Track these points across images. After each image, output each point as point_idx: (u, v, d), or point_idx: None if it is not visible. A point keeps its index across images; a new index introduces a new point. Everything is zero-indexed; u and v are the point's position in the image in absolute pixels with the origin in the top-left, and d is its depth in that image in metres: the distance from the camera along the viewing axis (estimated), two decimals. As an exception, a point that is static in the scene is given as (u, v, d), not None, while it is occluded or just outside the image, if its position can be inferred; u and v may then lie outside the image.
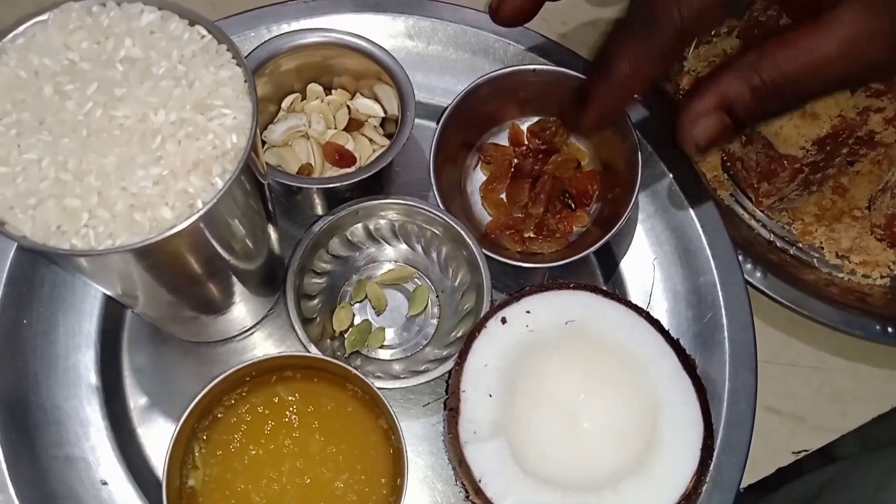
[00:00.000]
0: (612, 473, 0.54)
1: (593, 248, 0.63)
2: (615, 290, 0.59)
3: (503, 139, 0.72)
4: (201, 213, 0.42)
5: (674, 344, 0.57)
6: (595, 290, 0.59)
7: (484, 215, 0.70)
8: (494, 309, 0.58)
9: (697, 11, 0.49)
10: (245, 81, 0.46)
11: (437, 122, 0.65)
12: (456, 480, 0.57)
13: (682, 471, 0.53)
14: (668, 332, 0.58)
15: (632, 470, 0.54)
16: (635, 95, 0.56)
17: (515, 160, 0.71)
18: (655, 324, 0.58)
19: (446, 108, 0.66)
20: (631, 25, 0.52)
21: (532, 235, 0.68)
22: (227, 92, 0.45)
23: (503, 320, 0.57)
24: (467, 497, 0.55)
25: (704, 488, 0.59)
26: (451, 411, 0.55)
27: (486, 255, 0.63)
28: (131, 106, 0.44)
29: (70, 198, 0.42)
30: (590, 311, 0.58)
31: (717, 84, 0.51)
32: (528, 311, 0.58)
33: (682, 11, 0.49)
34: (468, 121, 0.68)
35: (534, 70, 0.67)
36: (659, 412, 0.55)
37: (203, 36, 0.47)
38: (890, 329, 0.68)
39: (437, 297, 0.67)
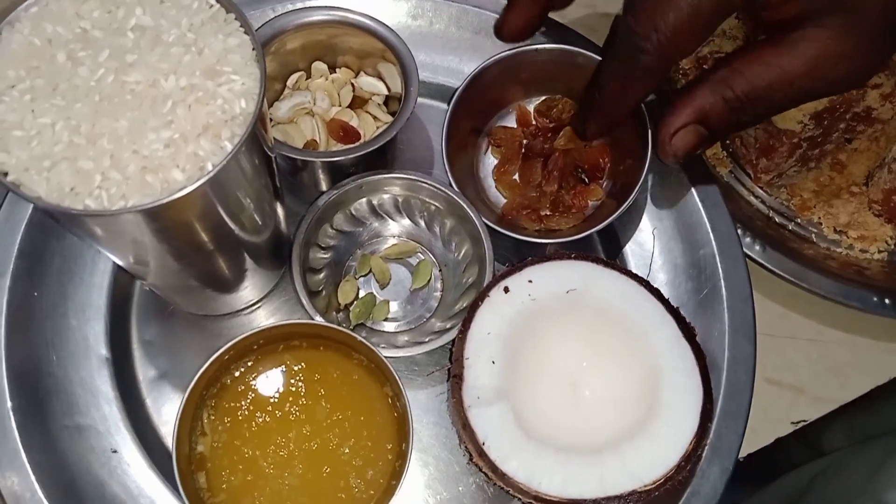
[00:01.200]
0: (614, 438, 0.55)
1: (610, 220, 0.64)
2: (616, 261, 0.60)
3: (511, 121, 0.73)
4: (211, 174, 0.43)
5: (673, 312, 0.58)
6: (596, 259, 0.60)
7: (499, 198, 0.71)
8: (497, 278, 0.59)
9: (674, 36, 0.52)
10: (253, 49, 0.47)
11: (446, 111, 0.66)
12: (460, 444, 0.58)
13: (682, 434, 0.54)
14: (667, 300, 0.59)
15: (633, 433, 0.55)
16: (624, 112, 0.60)
17: (525, 140, 0.72)
18: (655, 292, 0.59)
19: (452, 95, 0.67)
20: (617, 50, 0.55)
21: (548, 213, 0.69)
22: (235, 59, 0.46)
23: (506, 289, 0.58)
24: (471, 460, 0.56)
25: (704, 454, 0.61)
26: (455, 378, 0.56)
27: (504, 234, 0.64)
28: (142, 72, 0.45)
29: (83, 160, 0.43)
30: (591, 280, 0.59)
31: (692, 98, 0.56)
32: (530, 281, 0.58)
33: (659, 37, 0.52)
34: (475, 107, 0.69)
35: (536, 49, 0.68)
36: (659, 378, 0.56)
37: (211, 5, 0.48)
38: (888, 301, 0.69)
39: (441, 270, 0.68)
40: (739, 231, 0.68)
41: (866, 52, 0.52)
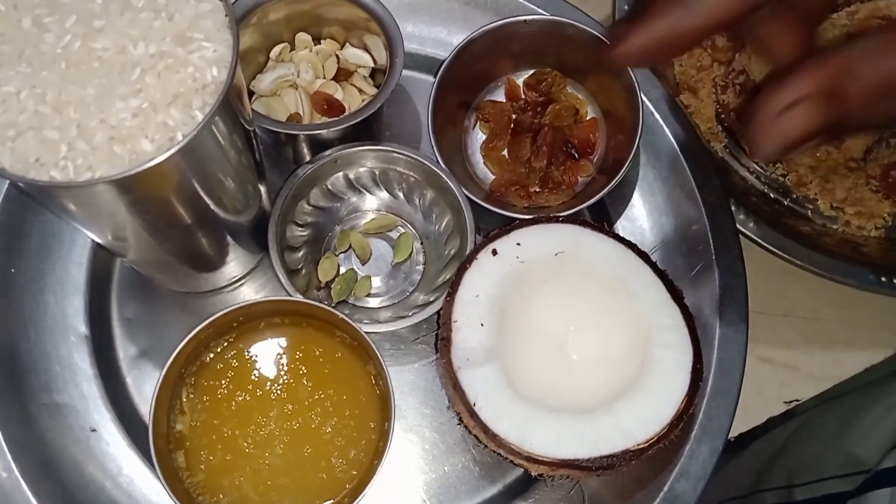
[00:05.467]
0: (604, 398, 0.54)
1: (600, 195, 0.63)
2: (604, 224, 0.59)
3: (499, 95, 0.72)
4: (181, 145, 0.42)
5: (661, 274, 0.57)
6: (584, 223, 0.59)
7: (487, 175, 0.70)
8: (485, 241, 0.58)
9: None
10: (226, 15, 0.45)
11: (432, 85, 0.64)
12: (449, 407, 0.57)
13: (674, 391, 0.53)
14: (655, 263, 0.58)
15: (625, 392, 0.54)
16: (692, 30, 0.42)
17: (514, 115, 0.70)
18: (643, 255, 0.58)
19: (439, 68, 0.65)
20: None
21: (538, 190, 0.67)
22: (207, 25, 0.45)
23: (494, 252, 0.57)
24: (461, 422, 0.55)
25: (694, 433, 0.60)
26: (444, 341, 0.55)
27: (492, 211, 0.63)
28: (110, 38, 0.43)
29: (49, 130, 0.42)
30: (579, 243, 0.58)
31: (817, 66, 0.39)
32: (518, 244, 0.58)
33: None
34: (463, 80, 0.68)
35: (525, 21, 0.66)
36: (649, 337, 0.55)
37: (183, -30, 0.46)
38: (884, 278, 0.67)
39: (422, 243, 0.67)
40: (733, 207, 0.67)
41: None
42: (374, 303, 0.65)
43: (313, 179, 0.64)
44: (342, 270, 0.65)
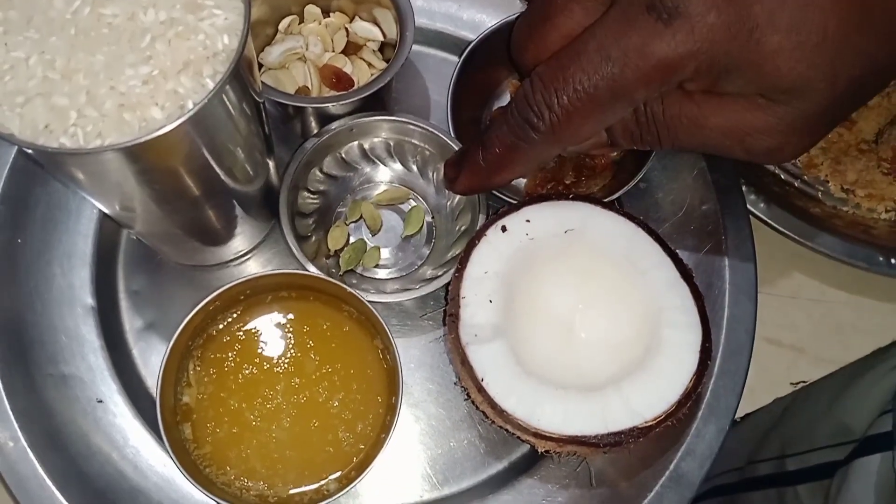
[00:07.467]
0: (611, 377, 0.54)
1: (641, 173, 0.61)
2: (614, 203, 0.59)
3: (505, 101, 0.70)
4: (191, 113, 0.41)
5: (671, 253, 0.57)
6: (594, 201, 0.58)
7: (519, 180, 0.67)
8: (494, 217, 0.58)
9: (568, 119, 0.48)
10: (237, -17, 0.45)
11: (453, 69, 0.63)
12: (457, 382, 0.56)
13: (682, 370, 0.53)
14: (665, 241, 0.57)
15: (633, 370, 0.54)
16: (501, 181, 0.55)
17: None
18: (653, 234, 0.58)
19: (454, 69, 0.63)
20: (510, 116, 0.51)
21: (573, 180, 0.66)
22: (218, -8, 0.44)
23: (503, 229, 0.57)
24: (468, 398, 0.55)
25: (700, 413, 0.60)
26: (451, 317, 0.55)
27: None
28: (120, 4, 0.43)
29: (58, 96, 0.41)
30: (589, 220, 0.57)
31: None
32: (528, 220, 0.57)
33: (552, 117, 0.48)
34: (471, 91, 0.66)
35: None
36: (658, 316, 0.55)
37: (194, -64, 0.45)
38: (893, 260, 0.67)
39: (433, 217, 0.66)
40: (744, 187, 0.66)
41: (800, 138, 0.46)
42: (381, 274, 0.65)
43: (328, 147, 0.63)
44: (352, 240, 0.65)
